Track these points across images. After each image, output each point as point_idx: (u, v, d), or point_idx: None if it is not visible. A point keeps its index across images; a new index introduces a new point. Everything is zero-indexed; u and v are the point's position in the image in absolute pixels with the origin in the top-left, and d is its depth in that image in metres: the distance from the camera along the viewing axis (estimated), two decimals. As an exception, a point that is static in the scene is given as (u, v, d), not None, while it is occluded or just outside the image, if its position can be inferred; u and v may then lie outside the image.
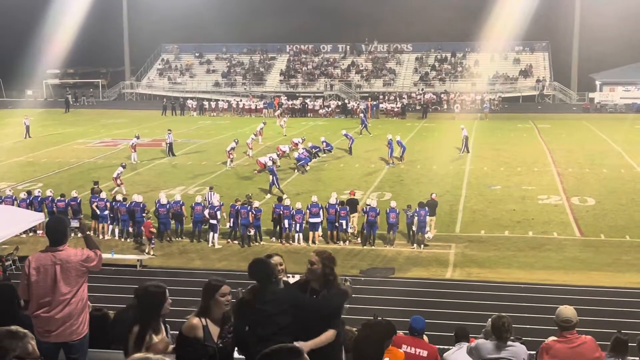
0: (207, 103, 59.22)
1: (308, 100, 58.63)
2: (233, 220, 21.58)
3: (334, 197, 22.06)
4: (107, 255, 17.39)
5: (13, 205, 21.51)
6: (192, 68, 71.86)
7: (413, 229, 21.00)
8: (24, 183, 29.02)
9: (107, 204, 22.34)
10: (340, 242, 21.39)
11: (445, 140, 38.91)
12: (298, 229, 21.54)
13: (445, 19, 62.68)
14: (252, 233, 21.42)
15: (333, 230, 21.60)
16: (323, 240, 21.56)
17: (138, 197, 22.34)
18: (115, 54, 71.95)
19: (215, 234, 21.40)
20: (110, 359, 6.59)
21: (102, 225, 22.47)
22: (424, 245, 20.80)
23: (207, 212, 21.50)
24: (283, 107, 55.76)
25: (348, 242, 21.47)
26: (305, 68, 68.87)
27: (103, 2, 63.94)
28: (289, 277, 6.88)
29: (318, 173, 31.47)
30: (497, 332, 6.91)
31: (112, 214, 22.34)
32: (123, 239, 22.11)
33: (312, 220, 21.44)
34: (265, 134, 40.13)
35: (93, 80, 71.80)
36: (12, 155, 36.14)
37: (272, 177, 27.11)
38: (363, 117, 45.04)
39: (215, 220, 21.28)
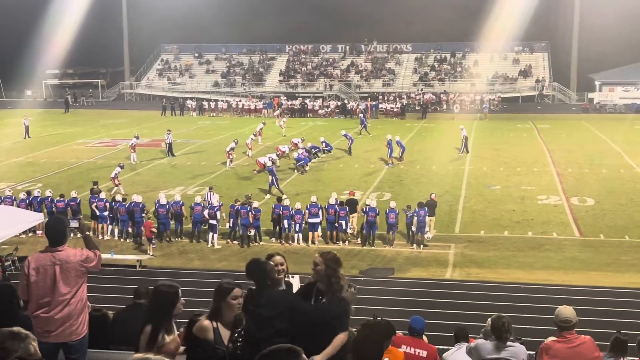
0: (206, 103, 59.22)
1: (307, 101, 58.61)
2: (233, 221, 21.59)
3: (334, 197, 22.07)
4: (106, 256, 17.39)
5: (12, 206, 21.52)
6: (191, 68, 71.85)
7: (412, 229, 21.00)
8: (24, 183, 29.01)
9: (106, 204, 22.33)
10: (340, 242, 21.39)
11: (445, 141, 38.90)
12: (297, 229, 21.54)
13: (445, 19, 62.64)
14: (252, 233, 21.44)
15: (333, 231, 21.60)
16: (323, 241, 21.56)
17: (137, 197, 22.33)
18: (115, 54, 71.92)
19: (215, 234, 21.40)
20: (110, 359, 6.59)
21: (101, 226, 22.47)
22: (424, 246, 20.80)
23: (206, 212, 21.50)
24: (282, 107, 55.76)
25: (347, 242, 21.47)
26: (305, 68, 68.85)
27: (102, 2, 63.92)
28: (290, 277, 6.87)
29: (317, 173, 31.46)
30: (496, 332, 6.90)
31: (111, 214, 22.33)
32: (122, 240, 22.10)
33: (311, 221, 21.43)
34: (265, 134, 40.11)
35: (92, 81, 71.75)
36: (11, 156, 36.12)
37: (271, 177, 27.12)
38: (362, 117, 45.03)
39: (215, 221, 21.28)
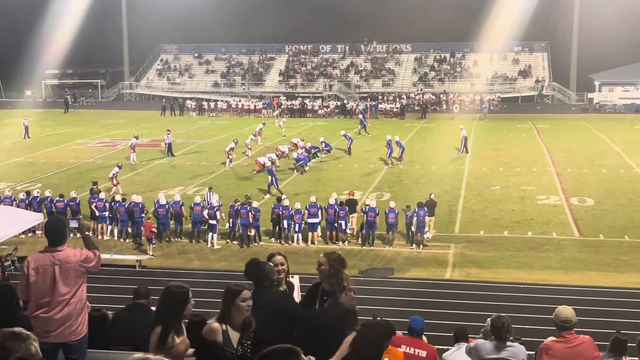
0: (206, 103, 59.20)
1: (307, 101, 58.58)
2: (232, 221, 21.59)
3: (334, 197, 22.08)
4: (106, 256, 17.39)
5: (12, 206, 21.52)
6: (191, 68, 71.83)
7: (412, 229, 21.00)
8: (23, 183, 29.01)
9: (106, 205, 22.32)
10: (340, 242, 21.39)
11: (444, 141, 38.90)
12: (297, 230, 21.55)
13: (445, 20, 62.62)
14: (252, 234, 21.43)
15: (332, 231, 21.61)
16: (322, 241, 21.57)
17: (137, 197, 22.32)
18: (114, 55, 71.88)
19: (214, 235, 21.40)
20: (110, 359, 6.59)
21: (101, 226, 22.46)
22: (423, 246, 20.80)
23: (206, 212, 21.50)
24: (282, 107, 55.76)
25: (347, 242, 21.48)
26: (305, 68, 68.84)
27: (102, 2, 63.89)
28: (290, 277, 6.88)
29: (317, 173, 31.46)
30: (496, 332, 6.91)
31: (111, 215, 22.33)
32: (122, 240, 22.09)
33: (310, 221, 21.43)
34: (265, 135, 40.10)
35: (92, 81, 71.68)
36: (11, 156, 36.11)
37: (270, 177, 27.11)
38: (362, 117, 44.99)
39: (215, 221, 21.29)
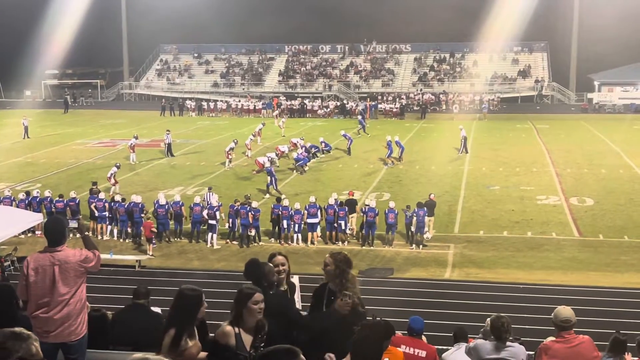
0: (205, 103, 59.19)
1: (307, 101, 58.59)
2: (232, 221, 21.59)
3: (334, 197, 22.08)
4: (105, 256, 17.39)
5: (12, 206, 21.52)
6: (190, 68, 71.83)
7: (412, 230, 21.01)
8: (23, 183, 29.00)
9: (105, 205, 22.31)
10: (339, 242, 21.39)
11: (444, 141, 38.91)
12: (297, 230, 21.55)
13: (444, 20, 62.61)
14: (252, 234, 21.43)
15: (332, 231, 21.61)
16: (322, 241, 21.58)
17: (137, 197, 22.31)
18: (114, 55, 71.88)
19: (214, 235, 21.40)
20: (109, 359, 6.59)
21: (100, 226, 22.45)
22: (423, 246, 20.81)
23: (205, 212, 21.50)
24: (282, 107, 55.77)
25: (347, 242, 21.47)
26: (304, 68, 68.84)
27: (102, 2, 63.86)
28: (290, 277, 6.88)
29: (317, 173, 31.46)
30: (496, 332, 6.91)
31: (110, 215, 22.32)
32: (122, 240, 22.09)
33: (310, 221, 21.44)
34: (264, 135, 40.10)
35: (92, 81, 71.69)
36: (10, 156, 36.10)
37: (270, 178, 27.08)
38: (361, 118, 44.92)
39: (214, 221, 21.28)
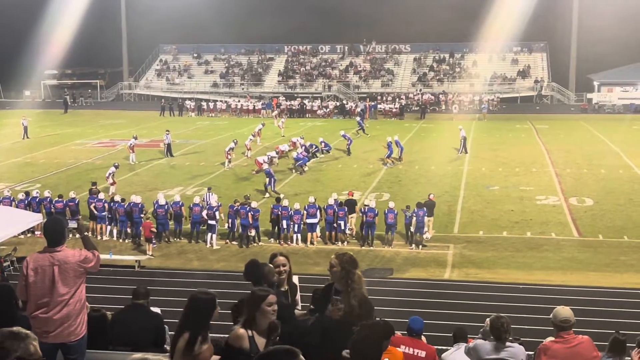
0: (205, 104, 59.19)
1: (306, 101, 58.61)
2: (231, 221, 21.58)
3: (333, 197, 22.08)
4: (105, 256, 17.39)
5: (11, 206, 21.51)
6: (190, 69, 71.82)
7: (411, 230, 21.01)
8: (22, 184, 28.99)
9: (105, 205, 22.30)
10: (339, 242, 21.38)
11: (444, 141, 38.90)
12: (296, 230, 21.54)
13: (444, 20, 62.61)
14: (253, 234, 21.42)
15: (331, 231, 21.60)
16: (321, 241, 21.58)
17: (136, 197, 22.31)
18: (114, 55, 71.87)
19: (214, 235, 21.38)
20: (109, 359, 6.60)
21: (100, 226, 22.44)
22: (422, 246, 20.81)
23: (205, 212, 21.49)
24: (281, 107, 55.77)
25: (346, 242, 21.47)
26: (304, 69, 68.84)
27: (101, 2, 63.83)
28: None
29: (316, 174, 31.46)
30: (495, 332, 6.91)
31: (110, 215, 22.32)
32: (121, 240, 22.08)
33: (309, 221, 21.43)
34: (264, 135, 40.10)
35: (91, 81, 71.65)
36: (10, 156, 36.08)
37: (269, 178, 26.97)
38: (359, 119, 44.89)
39: (214, 221, 21.27)
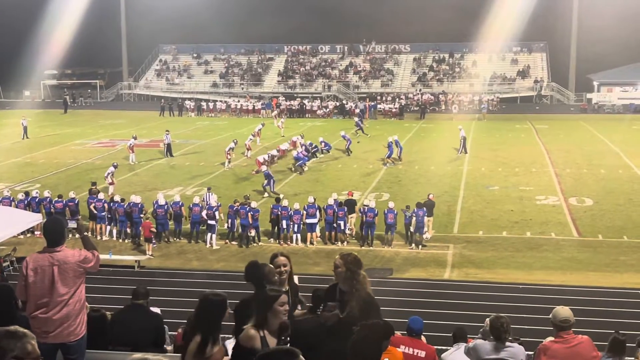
0: (205, 104, 59.18)
1: (306, 101, 58.62)
2: (231, 221, 21.58)
3: (333, 197, 22.07)
4: (104, 256, 17.38)
5: (11, 206, 21.51)
6: (189, 69, 71.80)
7: (411, 230, 21.01)
8: (22, 184, 28.98)
9: (105, 205, 22.29)
10: (339, 242, 21.39)
11: (443, 141, 38.91)
12: (296, 230, 21.54)
13: (443, 20, 62.61)
14: (252, 234, 21.42)
15: (331, 231, 21.60)
16: (321, 241, 21.58)
17: (136, 197, 22.30)
18: (113, 55, 71.85)
19: (213, 235, 21.38)
20: (108, 359, 6.60)
21: (100, 226, 22.43)
22: (422, 246, 20.81)
23: (204, 212, 21.49)
24: (281, 107, 55.78)
25: (346, 242, 21.47)
26: (303, 69, 68.83)
27: (101, 2, 63.82)
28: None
29: (316, 174, 31.45)
30: (495, 332, 6.91)
31: (109, 215, 22.32)
32: (121, 240, 22.07)
33: (308, 221, 21.42)
34: (264, 135, 40.10)
35: (91, 81, 71.65)
36: (9, 156, 36.06)
37: (266, 180, 26.90)
38: (357, 120, 44.87)
39: (214, 221, 21.27)
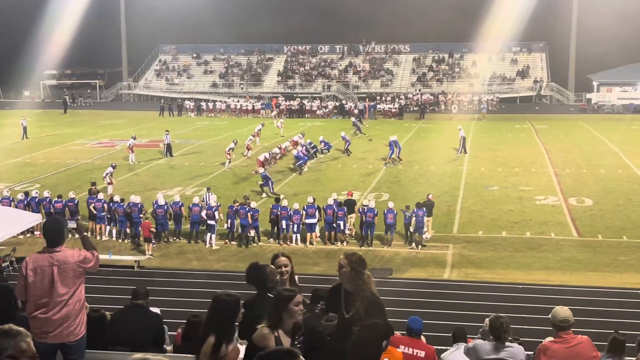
0: (204, 104, 59.16)
1: (306, 101, 58.61)
2: (231, 221, 21.57)
3: (333, 197, 22.07)
4: (104, 256, 17.38)
5: (10, 206, 21.51)
6: (189, 69, 71.77)
7: (411, 230, 21.01)
8: (22, 184, 28.97)
9: (104, 205, 22.29)
10: (338, 242, 21.39)
11: (443, 141, 38.91)
12: (295, 230, 21.53)
13: (443, 20, 62.63)
14: (252, 234, 21.41)
15: (331, 231, 21.60)
16: (321, 241, 21.58)
17: (136, 197, 22.30)
18: (113, 55, 71.83)
19: (213, 235, 21.37)
20: (108, 359, 6.60)
21: (99, 226, 22.42)
22: (422, 246, 20.81)
23: (204, 213, 21.49)
24: (280, 107, 55.79)
25: (346, 242, 21.47)
26: (303, 69, 68.82)
27: (100, 2, 63.81)
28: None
29: (316, 174, 31.45)
30: (495, 332, 6.91)
31: (109, 215, 22.31)
32: (120, 240, 22.07)
33: (307, 221, 21.42)
34: (263, 135, 40.10)
35: (90, 81, 71.62)
36: (9, 156, 36.04)
37: (264, 181, 26.85)
38: (354, 120, 44.83)
39: (213, 221, 21.26)
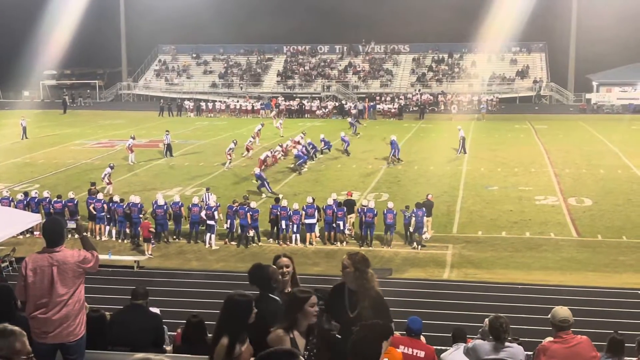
0: (204, 104, 59.14)
1: (305, 101, 58.62)
2: (230, 221, 21.57)
3: (332, 198, 22.07)
4: (104, 257, 17.39)
5: (10, 206, 21.51)
6: (189, 69, 71.77)
7: (410, 230, 21.02)
8: (21, 184, 28.97)
9: (104, 205, 22.29)
10: (338, 242, 21.39)
11: (443, 141, 38.92)
12: (295, 230, 21.53)
13: (443, 20, 62.64)
14: (252, 234, 21.41)
15: (330, 231, 21.60)
16: (320, 241, 21.58)
17: (135, 197, 22.30)
18: (113, 55, 71.84)
19: (213, 235, 21.37)
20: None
21: (99, 227, 22.42)
22: (421, 246, 20.82)
23: (203, 213, 21.49)
24: (280, 108, 55.79)
25: (345, 243, 21.47)
26: (303, 69, 68.83)
27: (100, 2, 63.78)
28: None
29: (315, 174, 31.46)
30: (494, 332, 6.91)
31: (109, 215, 22.31)
32: (120, 240, 22.07)
33: (307, 222, 21.42)
34: (263, 135, 40.10)
35: (90, 81, 71.61)
36: (9, 157, 36.04)
37: (260, 181, 26.86)
38: (351, 120, 44.80)
39: (213, 221, 21.27)
